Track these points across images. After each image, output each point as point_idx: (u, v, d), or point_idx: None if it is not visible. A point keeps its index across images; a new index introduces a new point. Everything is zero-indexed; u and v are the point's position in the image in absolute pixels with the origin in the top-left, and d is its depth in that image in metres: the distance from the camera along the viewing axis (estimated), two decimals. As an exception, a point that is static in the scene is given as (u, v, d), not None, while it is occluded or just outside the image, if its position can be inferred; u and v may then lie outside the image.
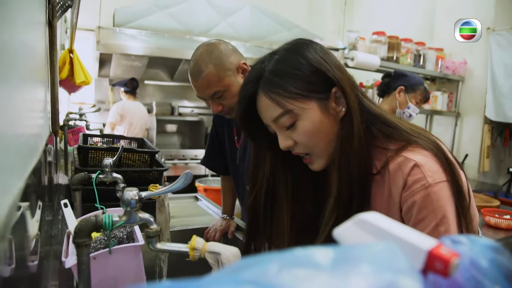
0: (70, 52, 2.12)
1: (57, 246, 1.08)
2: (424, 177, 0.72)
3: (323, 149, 0.80)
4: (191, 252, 0.69)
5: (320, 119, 0.77)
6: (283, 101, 0.76)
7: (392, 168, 0.76)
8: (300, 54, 0.78)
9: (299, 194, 0.91)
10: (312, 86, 0.76)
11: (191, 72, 1.26)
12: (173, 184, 0.74)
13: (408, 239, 0.29)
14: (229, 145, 1.56)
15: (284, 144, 0.80)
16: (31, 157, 0.66)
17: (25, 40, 0.69)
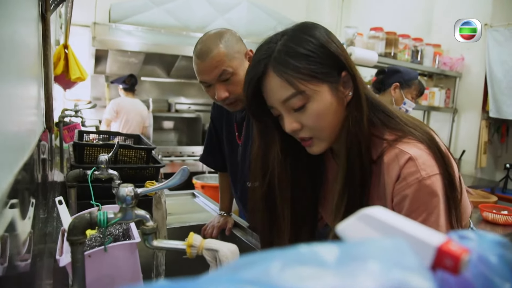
0: (65, 48, 2.09)
1: (51, 244, 1.07)
2: (418, 170, 0.73)
3: (328, 134, 0.80)
4: (188, 249, 0.67)
5: (331, 102, 0.77)
6: (296, 82, 0.74)
7: (387, 159, 0.77)
8: (311, 35, 0.77)
9: (299, 176, 0.92)
10: (324, 68, 0.75)
11: (198, 53, 1.21)
12: (169, 180, 0.72)
13: (415, 234, 0.28)
14: (228, 141, 1.53)
15: (290, 126, 0.79)
16: (22, 152, 0.64)
17: (17, 34, 0.68)
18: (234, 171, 1.55)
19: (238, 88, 1.20)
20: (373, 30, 3.58)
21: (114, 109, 4.20)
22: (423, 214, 0.74)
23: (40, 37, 1.07)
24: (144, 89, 5.17)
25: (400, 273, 0.21)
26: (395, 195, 0.77)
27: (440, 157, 0.75)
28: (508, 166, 4.00)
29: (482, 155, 4.04)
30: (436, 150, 0.76)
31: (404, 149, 0.75)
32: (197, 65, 1.23)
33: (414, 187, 0.73)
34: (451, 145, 4.25)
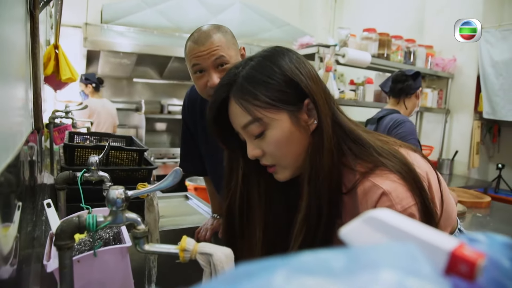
0: (56, 48, 2.05)
1: (39, 249, 1.03)
2: (393, 204, 0.70)
3: (290, 162, 0.78)
4: (181, 253, 0.65)
5: (290, 130, 0.75)
6: (252, 109, 0.74)
7: (360, 192, 0.74)
8: (275, 62, 0.76)
9: (271, 200, 0.89)
10: (284, 96, 0.74)
11: (196, 40, 1.18)
12: (161, 181, 0.70)
13: (426, 238, 0.26)
14: (207, 144, 1.48)
15: (252, 153, 0.78)
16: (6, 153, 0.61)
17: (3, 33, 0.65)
18: (217, 175, 1.50)
19: None
20: (366, 31, 3.58)
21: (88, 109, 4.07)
22: None
23: (29, 36, 1.04)
24: (137, 91, 5.13)
25: (415, 282, 0.19)
26: None
27: (415, 186, 0.72)
28: (500, 166, 4.02)
29: (475, 155, 4.06)
30: (411, 180, 0.73)
31: (377, 183, 0.72)
32: (193, 49, 1.19)
33: None
34: (443, 146, 4.26)
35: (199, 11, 4.68)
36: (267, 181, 0.87)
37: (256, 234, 0.91)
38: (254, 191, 0.89)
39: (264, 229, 0.90)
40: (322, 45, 3.27)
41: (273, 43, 5.16)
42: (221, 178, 1.46)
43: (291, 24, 5.14)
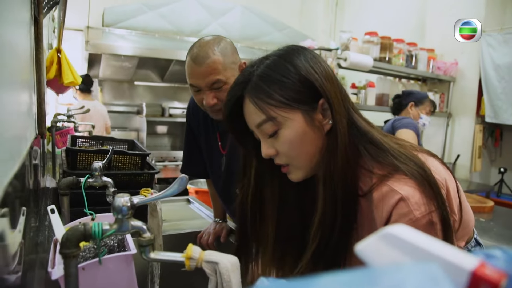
0: (58, 52, 2.05)
1: (43, 255, 1.03)
2: (411, 211, 0.69)
3: (304, 162, 0.77)
4: (187, 262, 0.64)
5: (304, 130, 0.74)
6: (266, 108, 0.73)
7: (376, 197, 0.73)
8: (290, 61, 0.75)
9: (285, 199, 0.88)
10: (298, 95, 0.73)
11: (194, 58, 1.19)
12: (167, 189, 0.69)
13: (446, 256, 0.25)
14: (209, 149, 1.48)
15: (265, 152, 0.77)
16: (13, 161, 0.61)
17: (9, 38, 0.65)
18: (217, 180, 1.50)
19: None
20: (368, 35, 3.58)
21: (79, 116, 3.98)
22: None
23: (33, 40, 1.04)
24: (138, 94, 5.13)
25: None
26: None
27: (433, 193, 0.70)
28: (502, 170, 4.01)
29: (477, 159, 4.05)
30: (429, 186, 0.71)
31: (394, 188, 0.70)
32: (191, 68, 1.21)
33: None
34: (445, 150, 4.26)
35: (200, 15, 4.69)
36: (281, 181, 0.86)
37: (268, 234, 0.89)
38: (267, 191, 0.88)
39: (276, 229, 0.88)
40: (324, 49, 3.27)
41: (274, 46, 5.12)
42: (222, 182, 1.47)
43: (292, 27, 5.15)
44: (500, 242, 2.08)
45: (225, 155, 1.41)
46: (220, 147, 1.42)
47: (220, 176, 1.46)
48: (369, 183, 0.74)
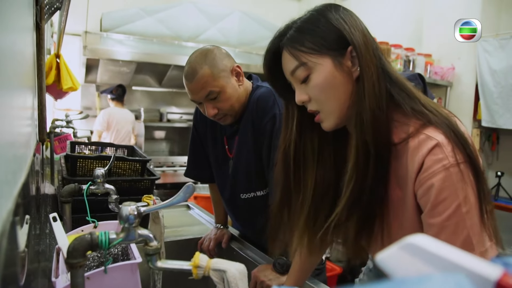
0: (57, 57, 2.05)
1: (45, 263, 1.02)
2: (446, 157, 0.71)
3: (335, 107, 0.81)
4: (194, 270, 0.64)
5: (333, 75, 0.79)
6: (299, 55, 0.80)
7: (412, 145, 0.75)
8: (322, 13, 0.81)
9: (322, 154, 0.92)
10: (327, 42, 0.79)
11: (185, 75, 1.26)
12: (174, 197, 0.69)
13: (469, 266, 0.25)
14: (215, 153, 1.49)
15: (299, 98, 0.83)
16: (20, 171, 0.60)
17: (13, 44, 0.64)
18: (223, 184, 1.50)
19: (226, 104, 1.27)
20: (366, 40, 3.59)
21: (105, 119, 4.15)
22: (452, 206, 0.70)
23: (34, 46, 1.03)
24: (136, 99, 5.12)
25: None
26: (419, 187, 0.74)
27: (462, 147, 0.72)
28: (499, 174, 4.03)
29: (474, 163, 4.06)
30: (460, 138, 0.73)
31: (431, 135, 0.73)
32: (186, 85, 1.28)
33: (441, 175, 0.71)
34: (443, 154, 4.27)
35: (198, 20, 4.69)
36: (319, 136, 0.90)
37: (308, 186, 0.92)
38: (308, 143, 0.91)
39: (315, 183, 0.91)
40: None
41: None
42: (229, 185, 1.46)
43: (290, 33, 5.15)
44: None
45: (232, 158, 1.42)
46: (227, 151, 1.44)
47: (226, 180, 1.46)
48: (406, 131, 0.77)
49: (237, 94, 1.30)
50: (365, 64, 0.77)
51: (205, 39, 4.63)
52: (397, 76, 0.82)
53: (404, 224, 0.80)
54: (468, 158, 0.72)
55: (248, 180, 1.39)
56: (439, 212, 0.71)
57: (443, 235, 0.71)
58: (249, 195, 1.42)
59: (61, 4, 1.08)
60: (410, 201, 0.77)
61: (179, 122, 5.20)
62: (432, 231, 0.73)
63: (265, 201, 1.38)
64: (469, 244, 0.70)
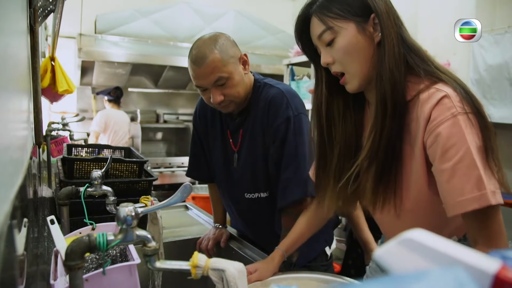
0: (52, 60, 2.04)
1: (44, 266, 1.02)
2: (454, 106, 0.77)
3: (357, 69, 0.88)
4: (193, 270, 0.64)
5: (357, 39, 0.86)
6: (326, 19, 0.88)
7: (423, 97, 0.82)
8: None
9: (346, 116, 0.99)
10: (352, 9, 0.87)
11: (194, 59, 1.23)
12: (171, 198, 0.69)
13: (467, 260, 0.25)
14: (219, 149, 1.47)
15: (324, 60, 0.90)
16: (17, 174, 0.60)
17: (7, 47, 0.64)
18: (225, 180, 1.49)
19: (232, 91, 1.26)
20: (361, 38, 3.60)
21: (103, 120, 4.15)
22: (462, 149, 0.75)
23: (29, 49, 1.03)
24: (132, 100, 5.11)
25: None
26: (428, 136, 0.80)
27: (471, 101, 0.79)
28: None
29: (471, 159, 4.07)
30: (469, 93, 0.81)
31: (440, 88, 0.80)
32: (193, 70, 1.24)
33: (449, 122, 0.77)
34: (440, 150, 4.28)
35: (193, 20, 4.68)
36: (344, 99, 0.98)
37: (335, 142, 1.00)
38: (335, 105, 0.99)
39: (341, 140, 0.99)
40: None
41: (267, 50, 5.18)
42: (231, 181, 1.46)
43: (286, 31, 5.16)
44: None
45: (237, 152, 1.41)
46: (232, 144, 1.42)
47: (230, 175, 1.45)
48: (417, 89, 0.85)
49: (243, 82, 1.30)
50: (386, 30, 0.85)
51: (201, 39, 4.62)
52: (413, 42, 0.89)
53: (411, 180, 0.87)
54: (476, 109, 0.79)
55: (253, 176, 1.39)
56: (450, 157, 0.76)
57: (456, 178, 0.76)
58: (253, 195, 1.41)
59: (54, 6, 1.07)
60: (419, 154, 0.84)
61: (176, 123, 5.19)
62: (444, 176, 0.78)
63: (268, 203, 1.39)
64: (481, 184, 0.74)
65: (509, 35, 3.80)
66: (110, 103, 4.32)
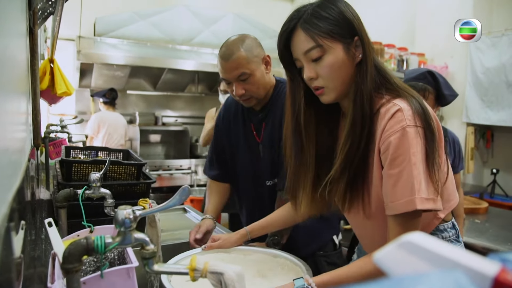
0: (51, 62, 2.04)
1: (41, 268, 1.01)
2: (405, 119, 0.86)
3: (337, 85, 0.95)
4: (191, 273, 0.64)
5: (343, 58, 0.93)
6: (316, 37, 0.92)
7: (382, 111, 0.91)
8: (334, 3, 0.94)
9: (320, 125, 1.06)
10: (340, 30, 0.93)
11: (222, 55, 1.40)
12: (169, 200, 0.68)
13: (467, 263, 0.25)
14: (242, 142, 1.60)
15: (309, 74, 0.95)
16: (15, 176, 0.60)
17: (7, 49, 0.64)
18: (251, 170, 1.59)
19: (253, 87, 1.42)
20: (359, 40, 3.61)
21: (96, 124, 4.11)
22: (406, 158, 0.85)
23: (28, 51, 1.03)
24: (130, 103, 5.10)
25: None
26: (382, 144, 0.90)
27: (424, 117, 0.88)
28: (495, 171, 4.05)
29: (469, 161, 4.09)
30: (422, 110, 0.89)
31: (396, 103, 0.90)
32: (221, 64, 1.42)
33: (398, 134, 0.86)
34: (438, 152, 4.29)
35: (192, 23, 4.68)
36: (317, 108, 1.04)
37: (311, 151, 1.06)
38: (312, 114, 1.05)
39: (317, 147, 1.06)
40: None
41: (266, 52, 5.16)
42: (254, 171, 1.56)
43: (284, 34, 5.16)
44: (497, 244, 2.09)
45: (261, 143, 1.55)
46: (256, 136, 1.57)
47: (254, 166, 1.58)
48: (379, 102, 0.94)
49: (264, 80, 1.46)
50: (368, 52, 0.94)
51: (199, 42, 4.62)
52: (379, 63, 0.99)
53: (373, 185, 0.95)
54: (426, 124, 0.88)
55: (272, 164, 1.52)
56: (397, 164, 0.86)
57: (400, 183, 0.86)
58: (273, 181, 1.54)
59: (54, 9, 1.07)
60: (376, 161, 0.92)
61: (175, 126, 5.19)
62: (391, 180, 0.88)
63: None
64: (413, 190, 0.84)
65: (506, 38, 3.82)
66: (105, 105, 4.28)
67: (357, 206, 0.99)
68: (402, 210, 0.86)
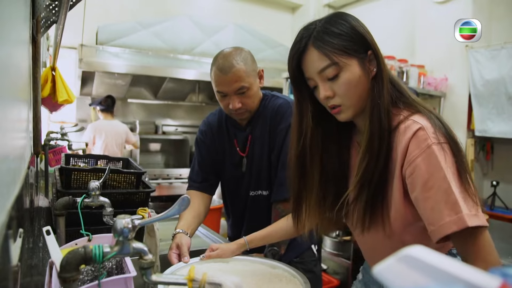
0: (53, 70, 2.05)
1: (38, 277, 1.00)
2: (428, 137, 0.83)
3: (355, 102, 0.92)
4: (189, 284, 0.63)
5: (359, 74, 0.90)
6: (331, 55, 0.89)
7: (401, 128, 0.89)
8: (344, 19, 0.92)
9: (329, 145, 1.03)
10: (354, 46, 0.90)
11: (220, 67, 1.35)
12: (169, 210, 0.68)
13: (468, 278, 0.25)
14: (227, 156, 1.59)
15: (324, 94, 0.92)
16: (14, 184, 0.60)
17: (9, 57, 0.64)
18: (234, 183, 1.59)
19: (249, 100, 1.41)
20: (360, 52, 3.63)
21: (92, 133, 4.08)
22: (439, 178, 0.81)
23: (30, 59, 1.03)
24: (131, 111, 5.11)
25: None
26: (407, 166, 0.86)
27: (446, 131, 0.86)
28: (495, 183, 4.04)
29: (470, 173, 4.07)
30: (442, 125, 0.87)
31: (416, 120, 0.87)
32: (219, 77, 1.37)
33: (424, 155, 0.83)
34: (438, 164, 4.28)
35: (193, 33, 4.72)
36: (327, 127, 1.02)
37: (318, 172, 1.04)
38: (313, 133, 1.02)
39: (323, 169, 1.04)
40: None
41: (267, 63, 5.20)
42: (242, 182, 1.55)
43: (284, 45, 5.20)
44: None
45: (245, 156, 1.54)
46: (239, 151, 1.56)
47: (238, 177, 1.57)
48: (398, 120, 0.91)
49: (258, 94, 1.47)
50: (382, 65, 0.92)
51: (200, 52, 4.65)
52: (394, 77, 0.98)
53: (392, 204, 0.91)
54: (449, 137, 0.85)
55: (257, 176, 1.51)
56: (431, 186, 0.82)
57: (436, 205, 0.81)
58: (256, 192, 1.53)
59: (57, 17, 1.08)
60: (397, 182, 0.89)
61: (175, 135, 5.19)
62: (429, 204, 0.82)
63: (266, 201, 1.50)
64: (457, 207, 0.79)
65: (505, 51, 3.84)
66: (102, 113, 4.23)
67: (377, 226, 0.95)
68: (451, 230, 0.79)
